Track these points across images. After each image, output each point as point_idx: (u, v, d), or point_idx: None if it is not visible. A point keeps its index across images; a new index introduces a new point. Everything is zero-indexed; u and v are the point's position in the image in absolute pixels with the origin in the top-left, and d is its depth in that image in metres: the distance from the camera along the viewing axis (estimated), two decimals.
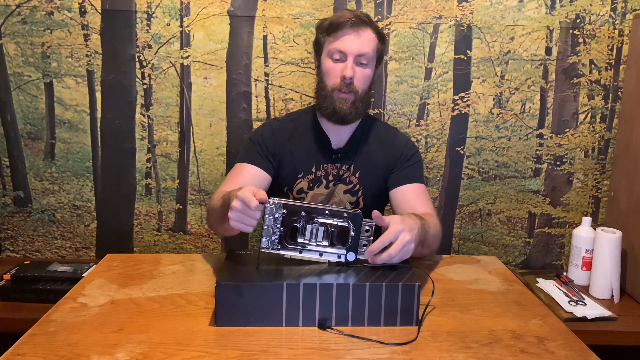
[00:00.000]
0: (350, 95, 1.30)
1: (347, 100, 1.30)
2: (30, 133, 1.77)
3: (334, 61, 1.31)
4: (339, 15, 1.31)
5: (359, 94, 1.31)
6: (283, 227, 0.99)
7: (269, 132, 1.40)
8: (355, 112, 1.32)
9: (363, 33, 1.29)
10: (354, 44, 1.28)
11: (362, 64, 1.30)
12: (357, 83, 1.30)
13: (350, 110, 1.31)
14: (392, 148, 1.41)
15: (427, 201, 1.35)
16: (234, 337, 0.90)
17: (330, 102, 1.31)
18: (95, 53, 1.72)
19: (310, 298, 0.93)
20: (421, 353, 0.87)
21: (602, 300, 1.56)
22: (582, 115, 1.82)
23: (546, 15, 1.74)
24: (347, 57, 1.29)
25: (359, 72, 1.30)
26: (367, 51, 1.29)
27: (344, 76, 1.28)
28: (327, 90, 1.32)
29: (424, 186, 1.39)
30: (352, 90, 1.30)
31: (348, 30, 1.29)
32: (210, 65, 1.73)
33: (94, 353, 0.84)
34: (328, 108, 1.32)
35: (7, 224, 1.82)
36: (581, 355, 0.88)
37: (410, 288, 0.94)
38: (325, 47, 1.33)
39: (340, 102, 1.30)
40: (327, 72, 1.32)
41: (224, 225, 1.09)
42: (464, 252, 1.88)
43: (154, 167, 1.80)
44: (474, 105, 1.80)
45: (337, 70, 1.30)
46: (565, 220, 1.88)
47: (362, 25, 1.29)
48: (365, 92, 1.33)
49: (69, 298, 1.04)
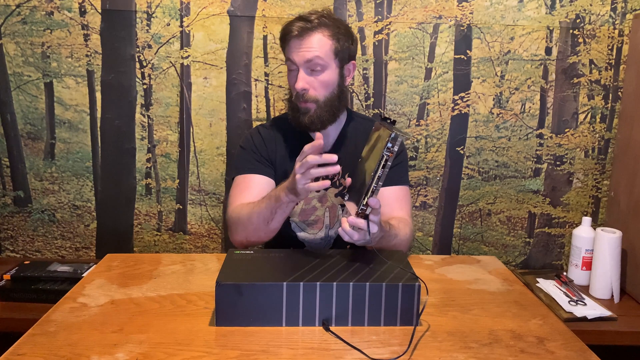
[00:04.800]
0: (310, 104, 1.27)
1: (309, 109, 1.28)
2: (30, 133, 1.77)
3: (291, 72, 1.29)
4: (287, 24, 1.28)
5: (321, 101, 1.28)
6: None
7: (258, 138, 1.37)
8: (319, 120, 1.29)
9: (309, 39, 1.25)
10: (300, 53, 1.25)
11: (315, 71, 1.27)
12: (314, 92, 1.27)
13: (311, 119, 1.28)
14: None
15: (406, 206, 1.34)
16: (234, 337, 0.90)
17: (295, 110, 1.30)
18: (95, 53, 1.72)
19: (310, 298, 0.93)
20: (421, 353, 0.87)
21: (602, 300, 1.56)
22: (582, 115, 1.82)
23: (546, 15, 1.74)
24: (298, 67, 1.26)
25: (313, 80, 1.27)
26: (315, 56, 1.24)
27: (295, 88, 1.26)
28: (292, 99, 1.31)
29: (406, 189, 1.37)
30: (309, 100, 1.27)
31: (294, 40, 1.26)
32: (210, 65, 1.73)
33: (94, 353, 0.84)
34: (294, 116, 1.30)
35: (7, 224, 1.82)
36: (581, 355, 0.88)
37: (410, 288, 0.94)
38: (285, 56, 1.31)
39: (303, 112, 1.28)
40: (289, 81, 1.32)
41: (270, 225, 1.19)
42: (464, 252, 1.88)
43: (154, 167, 1.80)
44: (474, 105, 1.80)
45: (293, 80, 1.28)
46: (565, 220, 1.88)
47: (307, 31, 1.25)
48: (329, 97, 1.29)
49: (69, 298, 1.04)
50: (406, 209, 1.34)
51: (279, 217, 1.19)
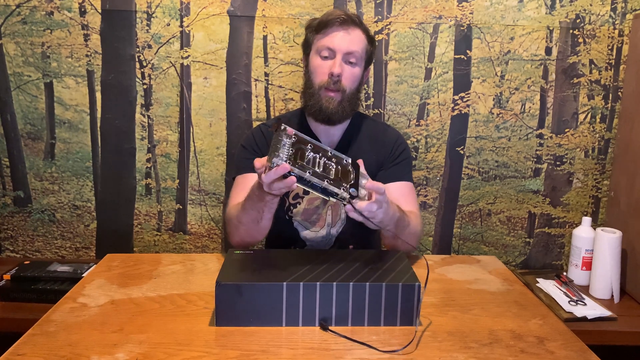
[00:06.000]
0: (337, 94, 1.28)
1: (334, 99, 1.28)
2: (30, 133, 1.77)
3: (322, 58, 1.29)
4: (328, 14, 1.30)
5: (347, 93, 1.29)
6: (293, 150, 0.98)
7: (260, 137, 1.37)
8: (342, 112, 1.29)
9: (352, 32, 1.28)
10: (343, 41, 1.27)
11: (350, 63, 1.28)
12: (345, 81, 1.28)
13: (337, 109, 1.28)
14: (382, 146, 1.38)
15: (413, 201, 1.33)
16: (234, 337, 0.90)
17: (316, 100, 1.29)
18: (95, 53, 1.72)
19: (310, 298, 0.93)
20: (421, 353, 0.87)
21: (602, 300, 1.56)
22: (582, 115, 1.82)
23: (546, 15, 1.74)
24: (335, 55, 1.27)
25: (348, 70, 1.28)
26: (356, 49, 1.27)
27: (332, 73, 1.26)
28: (314, 89, 1.29)
29: (411, 185, 1.37)
30: (339, 89, 1.27)
31: (337, 28, 1.27)
32: (210, 65, 1.73)
33: (94, 353, 0.84)
34: (314, 107, 1.29)
35: (7, 224, 1.82)
36: (581, 355, 0.88)
37: (410, 288, 0.94)
38: (314, 45, 1.31)
39: (327, 101, 1.27)
40: (314, 69, 1.30)
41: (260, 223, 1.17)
42: (464, 252, 1.88)
43: (154, 167, 1.80)
44: (474, 105, 1.80)
45: (325, 68, 1.28)
46: (565, 220, 1.88)
47: (351, 24, 1.28)
48: (353, 92, 1.30)
49: (69, 298, 1.04)
50: (413, 203, 1.33)
51: (267, 214, 1.16)
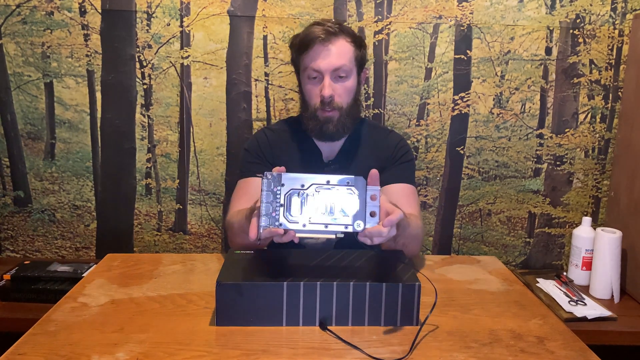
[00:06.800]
0: (334, 112, 1.26)
1: (333, 118, 1.27)
2: (30, 133, 1.77)
3: (311, 80, 1.27)
4: (307, 32, 1.26)
5: (344, 109, 1.27)
6: (283, 202, 0.93)
7: (264, 141, 1.36)
8: (342, 128, 1.29)
9: (336, 44, 1.24)
10: (328, 59, 1.24)
11: (341, 77, 1.26)
12: (339, 99, 1.26)
13: (336, 127, 1.28)
14: (384, 150, 1.37)
15: (415, 203, 1.31)
16: (234, 337, 0.90)
17: (316, 122, 1.28)
18: (95, 53, 1.72)
19: (311, 298, 0.93)
20: (421, 353, 0.87)
21: (602, 300, 1.56)
22: (582, 115, 1.82)
23: (546, 15, 1.74)
24: (323, 75, 1.24)
25: (339, 87, 1.26)
26: (343, 63, 1.24)
27: (322, 96, 1.24)
28: (310, 111, 1.28)
29: (413, 188, 1.35)
30: (334, 108, 1.26)
31: (319, 47, 1.24)
32: (210, 65, 1.74)
33: (94, 352, 0.84)
34: (315, 129, 1.29)
35: (7, 224, 1.82)
36: (581, 355, 0.88)
37: (410, 288, 0.94)
38: (301, 64, 1.29)
39: (326, 122, 1.27)
40: (307, 93, 1.29)
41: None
42: (464, 252, 1.88)
43: (154, 167, 1.80)
44: (474, 105, 1.80)
45: (316, 90, 1.26)
46: (565, 220, 1.88)
47: (332, 38, 1.24)
48: (351, 104, 1.29)
49: (69, 298, 1.04)
50: (415, 206, 1.31)
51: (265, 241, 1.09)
